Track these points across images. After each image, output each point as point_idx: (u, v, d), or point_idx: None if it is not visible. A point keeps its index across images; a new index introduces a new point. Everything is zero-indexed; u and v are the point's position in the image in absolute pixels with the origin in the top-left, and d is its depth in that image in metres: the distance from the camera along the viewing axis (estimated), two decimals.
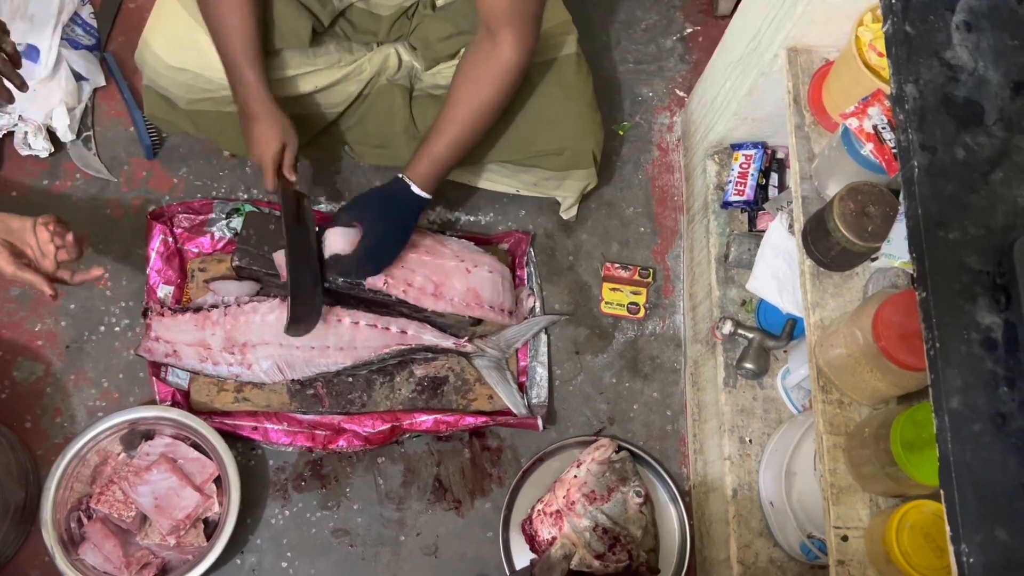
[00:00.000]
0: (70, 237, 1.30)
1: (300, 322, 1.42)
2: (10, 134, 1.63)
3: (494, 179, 1.65)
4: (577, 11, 1.59)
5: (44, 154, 1.64)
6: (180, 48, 1.40)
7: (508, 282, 1.58)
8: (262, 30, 1.35)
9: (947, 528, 0.74)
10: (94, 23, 1.75)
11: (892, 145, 1.09)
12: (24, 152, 1.64)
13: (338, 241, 1.42)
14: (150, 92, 1.49)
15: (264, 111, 1.35)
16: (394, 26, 1.46)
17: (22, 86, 1.21)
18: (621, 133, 1.83)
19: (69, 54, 1.65)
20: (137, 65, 1.47)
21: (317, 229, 1.46)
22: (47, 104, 1.59)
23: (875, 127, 1.10)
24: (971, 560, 0.72)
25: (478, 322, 1.58)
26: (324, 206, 1.69)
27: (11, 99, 1.23)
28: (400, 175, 1.38)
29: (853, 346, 1.06)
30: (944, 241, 0.81)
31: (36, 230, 1.27)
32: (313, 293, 1.42)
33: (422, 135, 1.40)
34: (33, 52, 1.58)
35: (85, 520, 1.42)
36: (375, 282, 1.47)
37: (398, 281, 1.47)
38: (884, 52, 0.98)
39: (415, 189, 1.38)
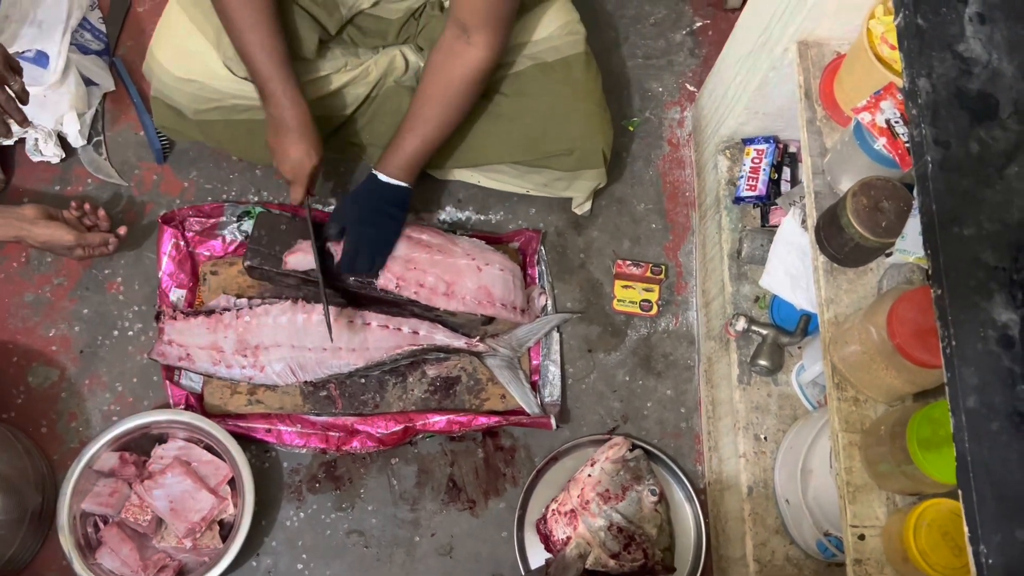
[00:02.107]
0: (101, 212, 1.51)
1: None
2: (21, 141, 1.64)
3: (504, 180, 1.65)
4: (585, 7, 1.58)
5: (55, 160, 1.65)
6: (185, 59, 1.40)
7: (519, 280, 1.58)
8: (287, 42, 1.36)
9: (965, 528, 0.73)
10: (103, 28, 1.76)
11: (905, 139, 1.08)
12: (35, 158, 1.64)
13: (332, 252, 1.46)
14: (158, 103, 1.49)
15: (303, 128, 1.37)
16: (402, 29, 1.46)
17: (23, 122, 1.29)
18: (631, 129, 1.82)
19: (79, 59, 1.66)
20: (145, 76, 1.48)
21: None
22: (57, 110, 1.60)
23: (888, 121, 1.09)
24: (990, 561, 0.71)
25: (490, 321, 1.58)
26: (335, 207, 1.68)
27: (9, 134, 1.31)
28: (372, 172, 1.42)
29: (868, 343, 1.05)
30: (959, 237, 0.80)
31: (64, 217, 1.45)
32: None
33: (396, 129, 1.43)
34: (42, 58, 1.59)
35: (101, 524, 1.43)
36: (386, 282, 1.47)
37: (409, 282, 1.47)
38: (896, 45, 0.96)
39: (383, 178, 1.41)
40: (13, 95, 1.27)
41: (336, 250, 1.45)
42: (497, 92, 1.50)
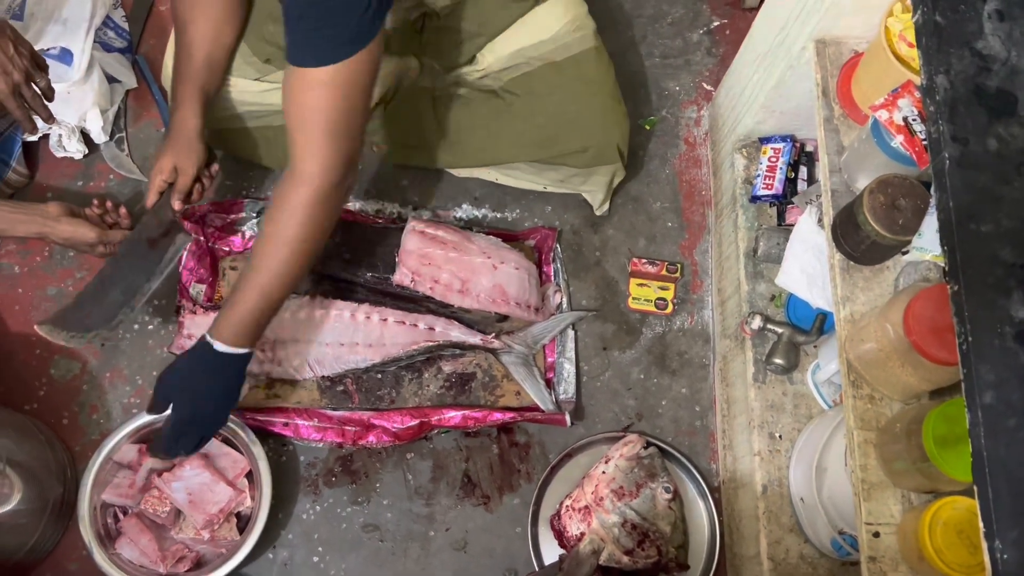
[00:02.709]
0: (123, 210, 1.53)
1: (60, 317, 1.35)
2: (45, 137, 1.66)
3: (520, 177, 1.66)
4: (602, 6, 1.59)
5: (78, 156, 1.67)
6: None
7: (534, 278, 1.59)
8: (223, 55, 1.37)
9: (981, 525, 0.73)
10: (126, 26, 1.78)
11: (923, 137, 1.08)
12: (59, 154, 1.67)
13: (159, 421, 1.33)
14: None
15: (177, 127, 1.38)
16: (406, 43, 1.46)
17: (49, 119, 1.32)
18: (648, 128, 1.83)
19: (102, 57, 1.68)
20: (162, 86, 1.50)
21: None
22: (81, 107, 1.62)
23: (905, 119, 1.09)
24: (1005, 557, 0.71)
25: (505, 318, 1.58)
26: (353, 204, 1.70)
27: (35, 130, 1.35)
28: (204, 335, 1.24)
29: (884, 341, 1.05)
30: (976, 234, 0.80)
31: (86, 215, 1.48)
32: (104, 312, 1.39)
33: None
34: (67, 55, 1.61)
35: (121, 515, 1.45)
36: (402, 278, 1.48)
37: (424, 278, 1.48)
38: (914, 43, 0.96)
39: (221, 347, 1.23)
40: (39, 92, 1.30)
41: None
42: (509, 92, 1.51)
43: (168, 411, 1.27)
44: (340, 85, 1.11)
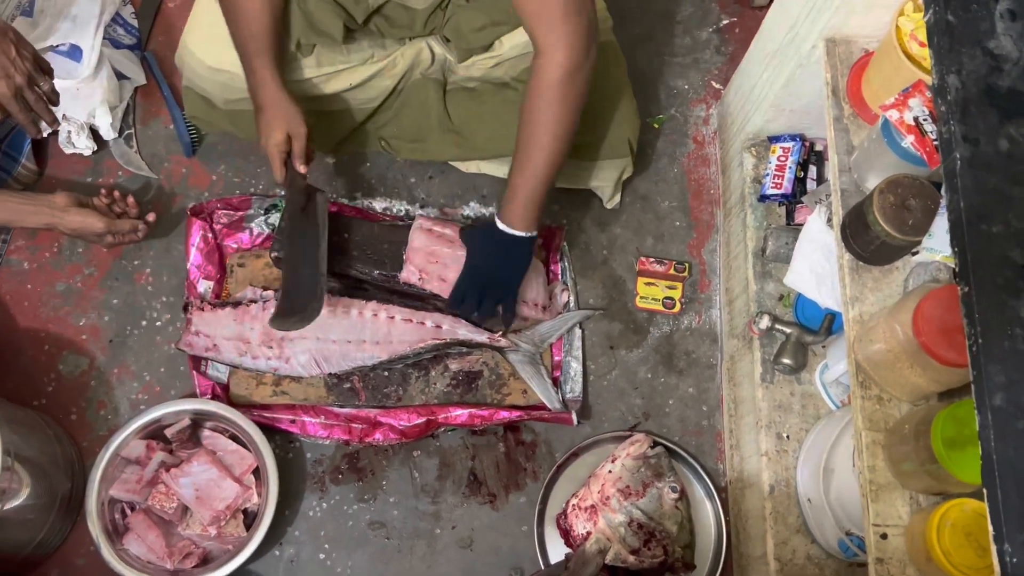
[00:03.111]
0: (130, 199, 1.55)
1: (287, 316, 1.38)
2: (54, 133, 1.67)
3: None
4: (612, 3, 1.58)
5: (87, 152, 1.68)
6: (217, 49, 1.42)
7: (541, 277, 1.59)
8: (279, 19, 1.35)
9: (990, 527, 0.73)
10: (135, 23, 1.78)
11: (933, 137, 1.07)
12: (68, 150, 1.67)
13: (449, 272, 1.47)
14: (189, 92, 1.51)
15: (270, 100, 1.35)
16: (429, 19, 1.46)
17: (53, 123, 1.32)
18: (656, 126, 1.82)
19: (111, 53, 1.68)
20: (177, 66, 1.50)
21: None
22: (90, 103, 1.63)
23: (916, 119, 1.08)
24: (1015, 560, 0.70)
25: None
26: (361, 202, 1.70)
27: (39, 133, 1.34)
28: (496, 220, 1.39)
29: (893, 341, 1.05)
30: (987, 235, 0.80)
31: (94, 205, 1.48)
32: (310, 291, 1.39)
33: (511, 166, 1.38)
34: (76, 52, 1.61)
35: (128, 511, 1.45)
36: (409, 275, 1.48)
37: (432, 275, 1.48)
38: (925, 42, 0.96)
39: (508, 230, 1.38)
40: (43, 95, 1.29)
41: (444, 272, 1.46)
42: (521, 82, 1.51)
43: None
44: None
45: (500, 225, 1.39)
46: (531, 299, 1.55)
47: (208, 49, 1.42)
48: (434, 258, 1.49)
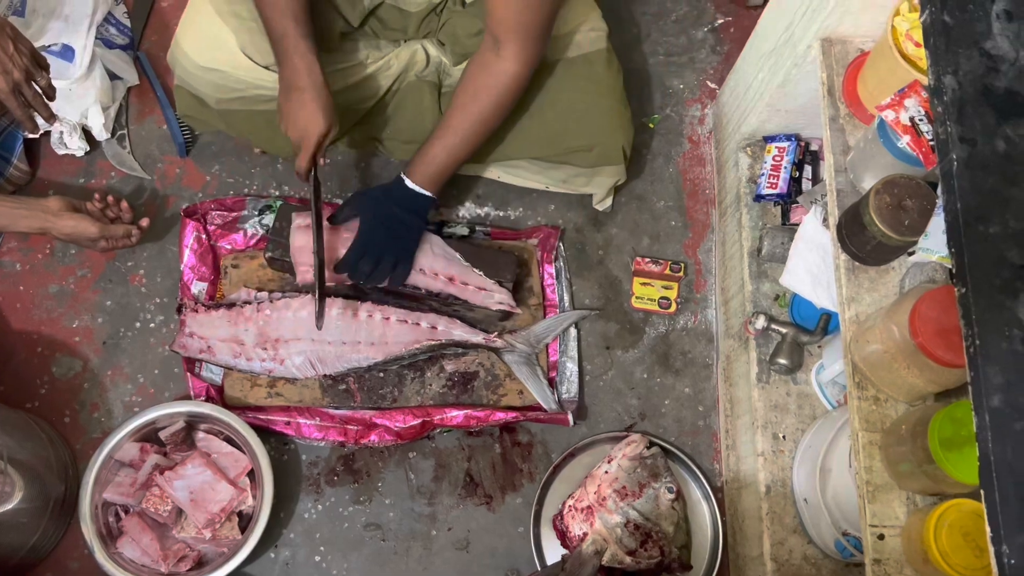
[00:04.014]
0: (124, 204, 1.53)
1: (323, 316, 1.45)
2: (46, 134, 1.66)
3: (524, 175, 1.65)
4: (607, 4, 1.58)
5: (80, 153, 1.67)
6: (210, 48, 1.41)
7: (438, 247, 1.53)
8: (308, 7, 1.34)
9: (987, 528, 0.72)
10: (127, 23, 1.77)
11: (930, 137, 1.07)
12: (60, 151, 1.66)
13: (337, 239, 1.45)
14: (182, 91, 1.50)
15: (316, 85, 1.32)
16: (423, 23, 1.46)
17: (50, 118, 1.32)
18: (652, 126, 1.82)
19: (103, 53, 1.67)
20: (169, 65, 1.49)
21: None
22: (82, 103, 1.62)
23: (912, 119, 1.08)
24: (1013, 562, 0.70)
25: (507, 317, 1.58)
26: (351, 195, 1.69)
27: (36, 129, 1.35)
28: (403, 176, 1.43)
29: (889, 342, 1.05)
30: (984, 235, 0.80)
31: (88, 209, 1.47)
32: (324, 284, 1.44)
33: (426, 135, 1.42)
34: (68, 52, 1.60)
35: (123, 514, 1.45)
36: (304, 277, 1.47)
37: (328, 265, 1.47)
38: (921, 42, 0.96)
39: (409, 183, 1.42)
40: (40, 90, 1.29)
41: (331, 242, 1.44)
42: None
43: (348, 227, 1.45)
44: (551, 2, 1.28)
45: (408, 182, 1.42)
46: (426, 266, 1.50)
47: (200, 48, 1.41)
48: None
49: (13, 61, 1.23)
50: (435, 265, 1.50)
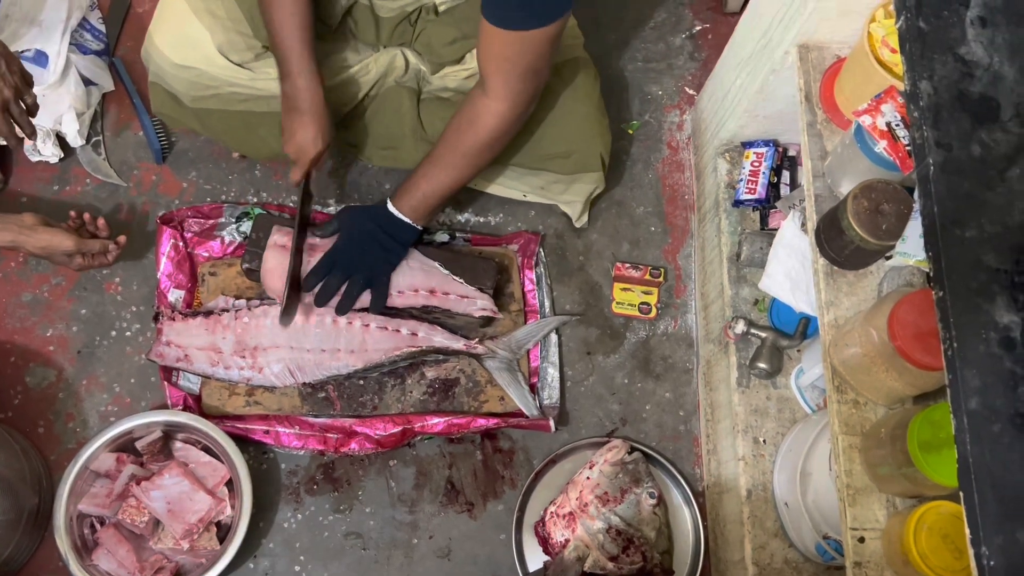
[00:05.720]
0: (101, 221, 1.48)
1: (290, 315, 1.45)
2: (20, 140, 1.63)
3: (502, 182, 1.64)
4: (586, 10, 1.59)
5: (54, 160, 1.65)
6: (184, 46, 1.40)
7: (418, 263, 1.54)
8: (313, 21, 1.35)
9: (967, 530, 0.73)
10: (103, 28, 1.75)
11: (906, 142, 1.08)
12: (34, 158, 1.64)
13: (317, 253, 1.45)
14: (156, 88, 1.49)
15: (317, 108, 1.37)
16: (396, 31, 1.45)
17: (32, 135, 1.31)
18: (630, 132, 1.82)
19: (78, 59, 1.65)
20: (143, 62, 1.47)
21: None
22: (56, 110, 1.60)
23: (888, 124, 1.09)
24: (992, 563, 0.71)
25: (489, 323, 1.57)
26: (333, 208, 1.68)
27: (20, 145, 1.34)
28: (388, 203, 1.44)
29: (868, 345, 1.05)
30: (960, 239, 0.80)
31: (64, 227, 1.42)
32: (298, 290, 1.45)
33: (425, 150, 1.42)
34: (42, 57, 1.59)
35: (98, 526, 1.42)
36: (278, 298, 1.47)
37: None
38: (897, 48, 0.97)
39: (392, 209, 1.42)
40: (26, 108, 1.27)
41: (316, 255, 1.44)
42: None
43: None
44: (538, 43, 1.24)
45: (391, 206, 1.43)
46: (405, 286, 1.49)
47: (174, 46, 1.40)
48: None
49: (4, 80, 1.22)
50: (414, 281, 1.49)
